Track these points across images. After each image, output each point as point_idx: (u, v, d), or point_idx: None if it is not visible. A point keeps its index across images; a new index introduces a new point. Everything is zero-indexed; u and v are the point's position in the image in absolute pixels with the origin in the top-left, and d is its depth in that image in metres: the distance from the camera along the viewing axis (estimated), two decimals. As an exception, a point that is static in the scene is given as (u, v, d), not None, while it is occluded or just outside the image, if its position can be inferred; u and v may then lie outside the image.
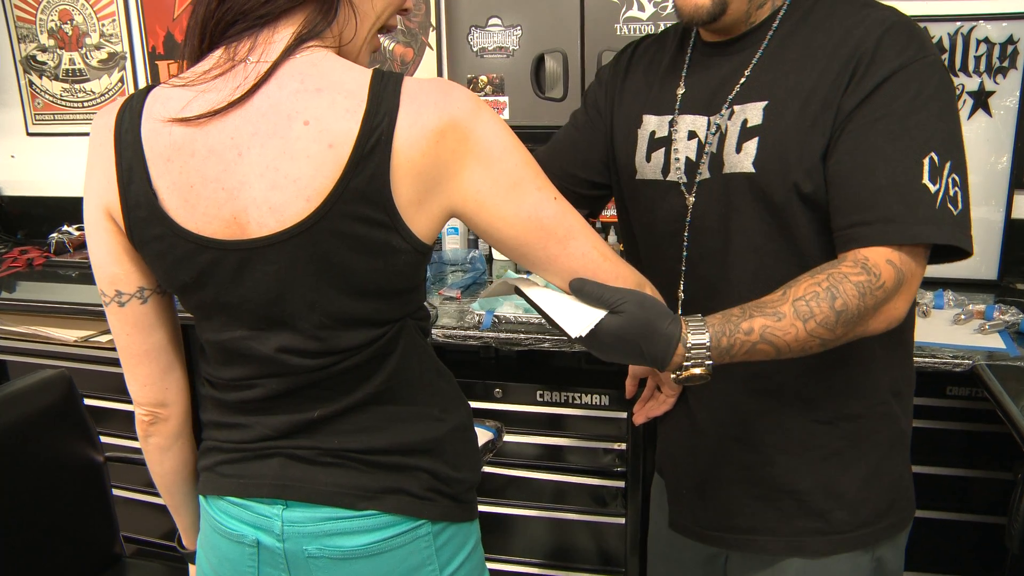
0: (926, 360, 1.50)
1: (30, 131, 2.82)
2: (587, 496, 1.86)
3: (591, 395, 1.81)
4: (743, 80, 1.01)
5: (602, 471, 1.84)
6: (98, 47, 2.67)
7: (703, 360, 0.85)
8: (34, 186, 2.83)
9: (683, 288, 1.09)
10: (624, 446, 1.81)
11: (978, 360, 1.49)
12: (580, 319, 0.83)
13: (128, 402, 0.96)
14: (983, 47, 1.87)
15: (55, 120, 2.79)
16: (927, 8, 1.92)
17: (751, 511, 1.10)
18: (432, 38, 2.35)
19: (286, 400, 0.87)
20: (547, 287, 0.89)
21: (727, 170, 1.01)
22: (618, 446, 1.81)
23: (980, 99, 1.89)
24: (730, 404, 1.09)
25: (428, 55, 2.37)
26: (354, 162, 0.76)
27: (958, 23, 1.88)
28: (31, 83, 2.77)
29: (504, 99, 2.13)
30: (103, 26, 2.64)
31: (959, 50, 1.89)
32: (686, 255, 1.07)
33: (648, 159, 1.11)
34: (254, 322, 0.84)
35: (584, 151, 1.22)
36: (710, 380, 0.86)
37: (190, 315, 0.90)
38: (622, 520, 1.85)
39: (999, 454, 1.62)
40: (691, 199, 1.05)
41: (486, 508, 1.90)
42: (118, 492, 1.92)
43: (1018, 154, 1.90)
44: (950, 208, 0.89)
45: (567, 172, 1.23)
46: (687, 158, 1.06)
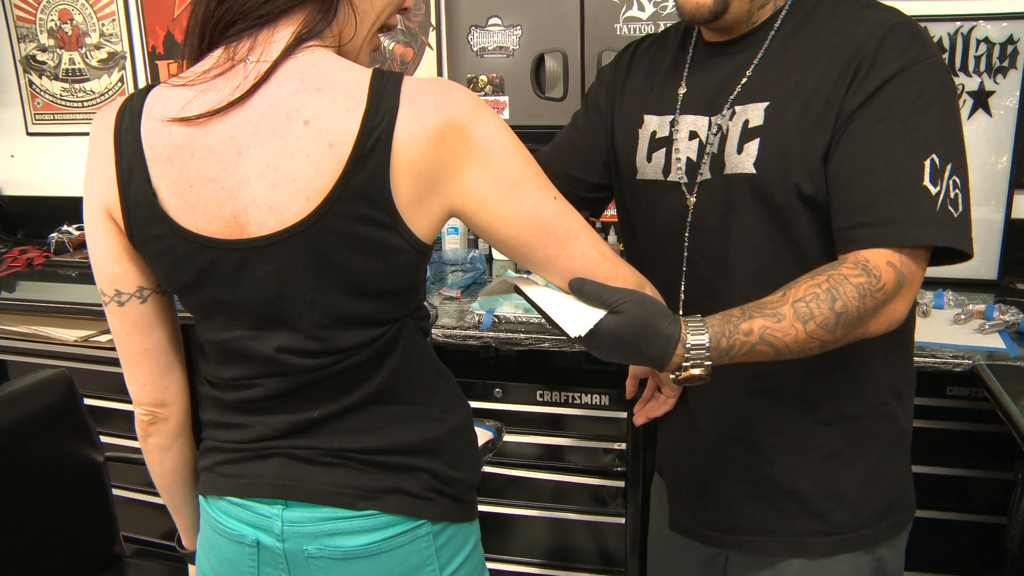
0: (926, 360, 1.50)
1: (30, 131, 2.82)
2: (587, 496, 1.86)
3: (591, 395, 1.81)
4: (744, 80, 1.01)
5: (602, 471, 1.84)
6: (98, 47, 2.67)
7: (702, 361, 0.84)
8: (34, 186, 2.83)
9: (684, 288, 1.08)
10: (624, 446, 1.81)
11: (978, 360, 1.49)
12: (579, 319, 0.83)
13: (128, 402, 0.95)
14: (983, 47, 1.87)
15: (55, 120, 2.78)
16: (927, 8, 1.92)
17: (751, 512, 1.10)
18: (432, 38, 2.35)
19: (286, 400, 0.87)
20: (547, 287, 0.89)
21: (728, 171, 1.01)
22: (618, 446, 1.81)
23: (980, 99, 1.89)
24: (730, 405, 1.09)
25: (428, 55, 2.36)
26: (354, 161, 0.76)
27: (958, 23, 1.87)
28: (31, 83, 2.77)
29: (504, 99, 2.13)
30: (103, 26, 2.64)
31: (959, 50, 1.88)
32: (687, 255, 1.07)
33: (649, 159, 1.10)
34: (254, 322, 0.84)
35: (585, 153, 1.22)
36: (709, 381, 0.86)
37: (190, 315, 0.90)
38: (622, 520, 1.85)
39: (999, 454, 1.62)
40: (692, 199, 1.05)
41: (486, 508, 1.90)
42: (118, 492, 1.92)
43: (1018, 154, 1.90)
44: (951, 210, 0.89)
45: (568, 174, 1.22)
46: (688, 158, 1.06)
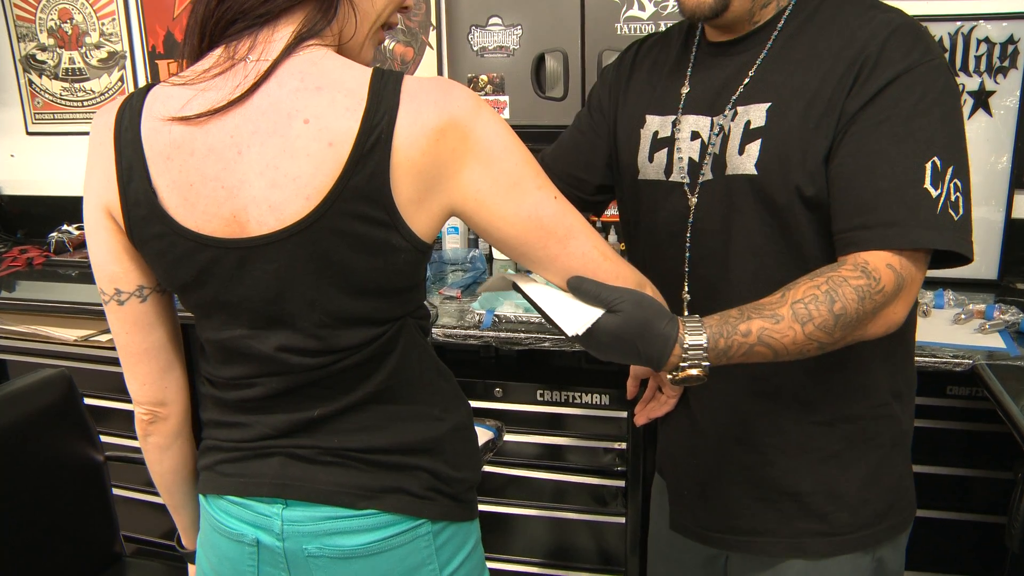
0: (926, 360, 1.50)
1: (30, 130, 2.82)
2: (587, 496, 1.86)
3: (591, 394, 1.80)
4: (747, 81, 1.01)
5: (602, 471, 1.84)
6: (98, 46, 2.67)
7: (700, 361, 0.84)
8: (34, 185, 2.83)
9: (687, 289, 1.08)
10: (624, 445, 1.80)
11: (978, 360, 1.49)
12: (577, 317, 0.83)
13: (128, 401, 0.95)
14: (983, 47, 1.87)
15: (55, 119, 2.78)
16: (928, 8, 1.91)
17: (752, 512, 1.10)
18: (432, 37, 2.35)
19: (286, 399, 0.87)
20: (545, 284, 0.89)
21: (730, 171, 1.00)
22: (618, 445, 1.81)
23: (980, 99, 1.89)
24: (731, 405, 1.09)
25: (428, 54, 2.36)
26: (354, 160, 0.76)
27: (958, 23, 1.87)
28: (31, 82, 2.77)
29: (504, 98, 2.13)
30: (103, 25, 2.64)
31: (959, 50, 1.88)
32: (688, 256, 1.07)
33: (651, 159, 1.10)
34: (254, 321, 0.84)
35: (587, 153, 1.22)
36: (708, 381, 0.86)
37: (190, 314, 0.90)
38: (622, 520, 1.85)
39: (999, 454, 1.62)
40: (694, 200, 1.05)
41: (486, 507, 1.90)
42: (118, 491, 1.92)
43: (1018, 154, 1.89)
44: (951, 213, 0.88)
45: (571, 175, 1.22)
46: (690, 159, 1.05)
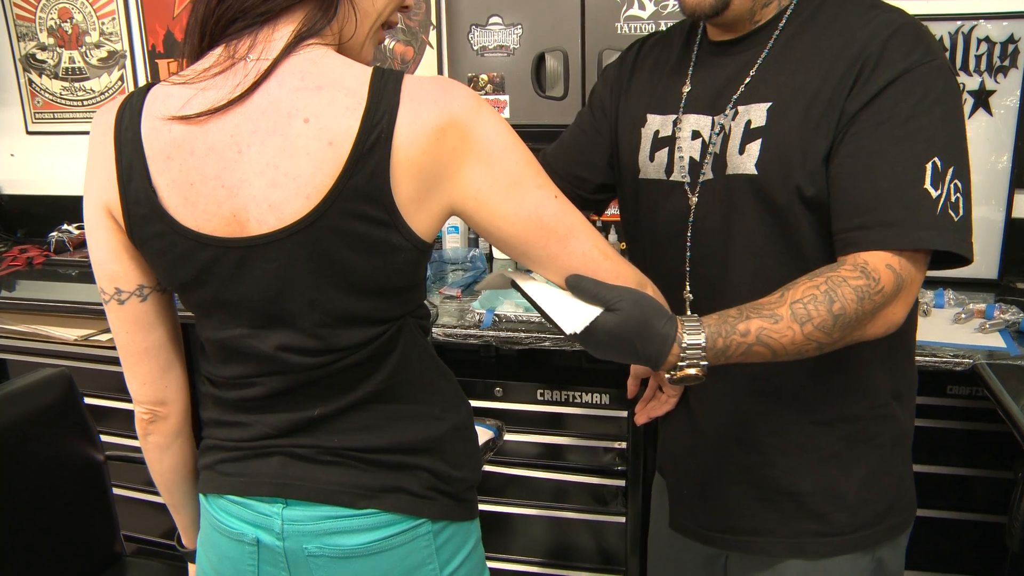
0: (927, 359, 1.50)
1: (30, 130, 2.82)
2: (588, 495, 1.86)
3: (591, 394, 1.80)
4: (748, 80, 1.00)
5: (603, 470, 1.84)
6: (98, 45, 2.67)
7: (698, 361, 0.84)
8: (34, 185, 2.83)
9: (689, 289, 1.08)
10: (624, 445, 1.80)
11: (978, 359, 1.49)
12: (575, 316, 0.83)
13: (128, 401, 0.96)
14: (984, 46, 1.87)
15: (55, 119, 2.78)
16: (928, 7, 1.91)
17: (751, 512, 1.10)
18: (432, 36, 2.35)
19: (286, 398, 0.87)
20: (544, 282, 0.89)
21: (730, 171, 1.00)
22: (619, 445, 1.81)
23: (981, 98, 1.89)
24: (731, 405, 1.09)
25: (428, 54, 2.36)
26: (354, 160, 0.76)
27: (959, 22, 1.87)
28: (31, 81, 2.77)
29: (504, 98, 2.13)
30: (103, 24, 2.64)
31: (960, 49, 1.88)
32: (689, 256, 1.07)
33: (652, 158, 1.10)
34: (254, 320, 0.84)
35: (588, 153, 1.22)
36: (708, 381, 0.86)
37: (190, 313, 0.90)
38: (623, 519, 1.85)
39: (999, 453, 1.62)
40: (694, 199, 1.05)
41: (486, 507, 1.89)
42: (118, 491, 1.92)
43: (1019, 153, 1.89)
44: (951, 214, 0.88)
45: (572, 174, 1.22)
46: (691, 158, 1.05)
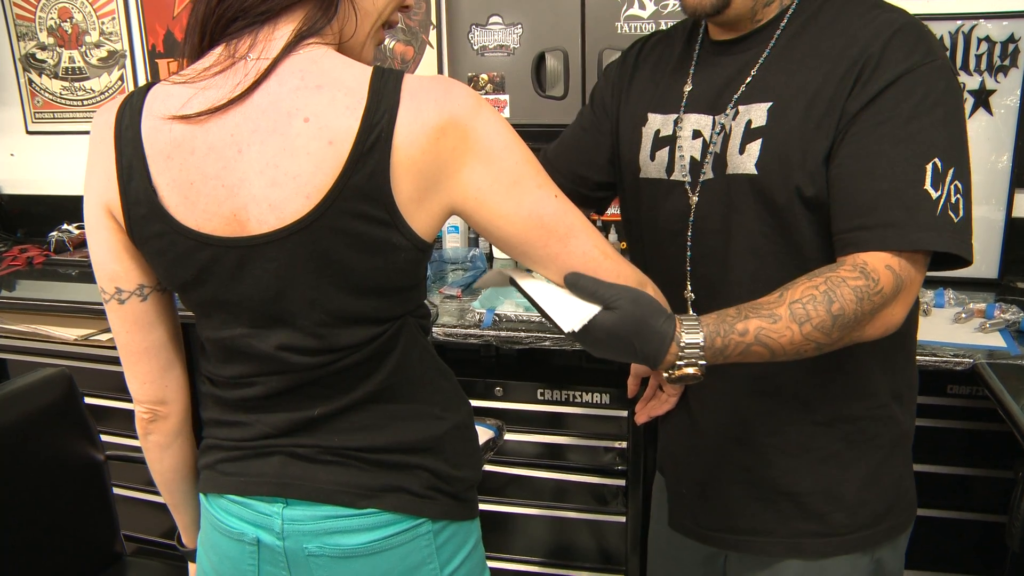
0: (927, 359, 1.50)
1: (29, 129, 2.82)
2: (588, 495, 1.86)
3: (592, 393, 1.80)
4: (749, 80, 1.00)
5: (603, 469, 1.84)
6: (98, 45, 2.67)
7: (696, 360, 0.84)
8: (34, 184, 2.83)
9: (690, 288, 1.08)
10: (625, 444, 1.80)
11: (979, 359, 1.49)
12: (573, 314, 0.83)
13: (128, 400, 0.96)
14: (984, 46, 1.87)
15: (55, 118, 2.78)
16: (928, 7, 1.91)
17: (751, 512, 1.10)
18: (432, 36, 2.35)
19: (286, 398, 0.87)
20: (543, 281, 0.89)
21: (730, 171, 1.00)
22: (619, 444, 1.81)
23: (981, 98, 1.89)
24: (730, 405, 1.09)
25: (428, 53, 2.36)
26: (354, 159, 0.76)
27: (959, 22, 1.87)
28: (31, 81, 2.77)
29: (505, 97, 2.13)
30: (103, 24, 2.64)
31: (960, 49, 1.88)
32: (689, 255, 1.07)
33: (652, 158, 1.10)
34: (254, 320, 0.84)
35: (589, 151, 1.22)
36: (708, 380, 0.85)
37: (190, 313, 0.90)
38: (623, 519, 1.85)
39: (1000, 453, 1.62)
40: (694, 199, 1.05)
41: (487, 507, 1.90)
42: (118, 491, 1.92)
43: (1019, 153, 1.89)
44: (951, 215, 0.88)
45: (573, 172, 1.22)
46: (692, 157, 1.05)
